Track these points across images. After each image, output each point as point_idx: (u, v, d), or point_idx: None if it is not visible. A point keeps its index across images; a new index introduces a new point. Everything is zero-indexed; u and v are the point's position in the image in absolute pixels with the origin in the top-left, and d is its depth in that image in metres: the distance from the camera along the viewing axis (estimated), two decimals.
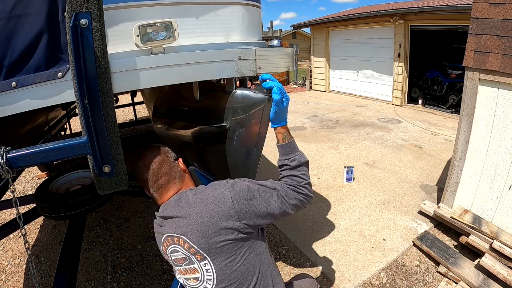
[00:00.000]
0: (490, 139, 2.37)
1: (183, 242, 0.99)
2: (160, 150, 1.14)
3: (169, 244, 1.04)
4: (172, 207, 1.04)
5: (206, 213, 0.96)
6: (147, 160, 1.10)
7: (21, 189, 3.87)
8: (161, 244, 1.09)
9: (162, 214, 1.06)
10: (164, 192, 1.09)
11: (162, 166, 1.09)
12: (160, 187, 1.08)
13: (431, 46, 8.91)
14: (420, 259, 2.47)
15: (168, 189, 1.09)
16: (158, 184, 1.08)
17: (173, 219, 1.02)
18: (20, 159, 0.89)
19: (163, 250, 1.09)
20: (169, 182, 1.09)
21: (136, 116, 5.67)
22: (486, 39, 2.24)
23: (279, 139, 1.15)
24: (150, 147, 1.15)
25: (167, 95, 2.13)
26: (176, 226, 1.01)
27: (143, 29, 1.02)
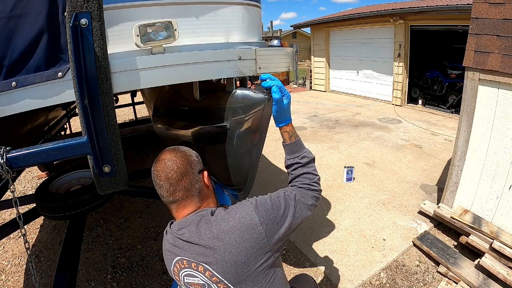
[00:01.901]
0: (490, 139, 2.37)
1: (204, 269, 0.89)
2: (186, 157, 0.97)
3: (184, 267, 0.93)
4: (193, 232, 0.91)
5: (234, 243, 0.86)
6: (167, 166, 0.94)
7: (21, 189, 3.87)
8: (171, 263, 0.97)
9: (179, 235, 0.93)
10: (180, 208, 0.96)
11: (183, 178, 0.94)
12: (176, 202, 0.95)
13: (431, 46, 8.91)
14: (420, 259, 2.47)
15: (184, 206, 0.95)
16: (174, 197, 0.94)
17: (193, 245, 0.90)
18: (20, 159, 0.89)
19: (173, 271, 0.97)
20: (187, 198, 0.95)
21: (136, 116, 5.67)
22: (486, 39, 2.24)
23: (286, 138, 1.12)
24: (175, 151, 0.98)
25: (167, 95, 2.13)
26: (197, 253, 0.89)
27: (143, 29, 1.02)
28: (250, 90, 1.28)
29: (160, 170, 0.94)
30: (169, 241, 0.97)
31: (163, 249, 1.02)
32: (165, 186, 0.93)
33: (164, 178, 0.93)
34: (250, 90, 1.28)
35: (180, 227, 0.93)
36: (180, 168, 0.94)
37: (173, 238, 0.95)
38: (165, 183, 0.93)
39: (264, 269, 0.89)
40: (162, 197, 0.96)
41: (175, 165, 0.94)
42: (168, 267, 1.00)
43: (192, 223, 0.92)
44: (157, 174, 0.94)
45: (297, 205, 0.98)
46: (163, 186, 0.93)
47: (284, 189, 1.03)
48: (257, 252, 0.88)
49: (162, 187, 0.93)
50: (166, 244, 0.99)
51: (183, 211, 0.96)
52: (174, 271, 0.97)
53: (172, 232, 0.96)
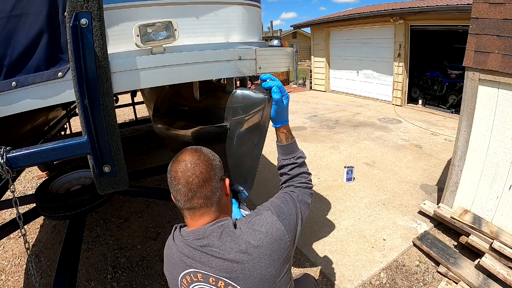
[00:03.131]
0: (490, 139, 2.37)
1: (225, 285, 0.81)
2: (210, 162, 0.87)
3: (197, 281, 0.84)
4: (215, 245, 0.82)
5: (264, 256, 0.81)
6: (189, 169, 0.84)
7: (21, 189, 3.87)
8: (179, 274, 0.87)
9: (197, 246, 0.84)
10: (197, 216, 0.86)
11: (205, 185, 0.84)
12: (193, 209, 0.85)
13: (431, 46, 8.91)
14: (420, 259, 2.46)
15: (202, 214, 0.86)
16: (192, 203, 0.84)
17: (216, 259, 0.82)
18: (20, 159, 0.89)
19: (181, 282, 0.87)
20: (206, 206, 0.86)
21: (136, 116, 5.67)
22: (486, 39, 2.24)
23: (282, 139, 1.12)
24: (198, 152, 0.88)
25: (167, 95, 2.13)
26: (219, 267, 0.81)
27: (143, 29, 1.02)
28: (250, 90, 1.28)
29: (180, 172, 0.84)
30: (180, 250, 0.87)
31: (167, 255, 0.92)
32: (183, 190, 0.83)
33: (183, 182, 0.83)
34: (250, 90, 1.28)
35: (197, 237, 0.84)
36: (203, 174, 0.84)
37: (187, 248, 0.85)
38: (184, 187, 0.83)
39: (286, 277, 0.88)
40: (177, 201, 0.86)
41: (197, 169, 0.84)
42: (173, 276, 0.90)
43: (213, 235, 0.83)
44: (176, 176, 0.84)
45: (301, 206, 0.99)
46: (181, 191, 0.83)
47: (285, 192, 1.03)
48: (284, 262, 0.86)
49: (179, 191, 0.84)
50: (175, 253, 0.89)
51: (199, 220, 0.86)
52: (182, 282, 0.87)
53: (186, 241, 0.86)
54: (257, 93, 1.20)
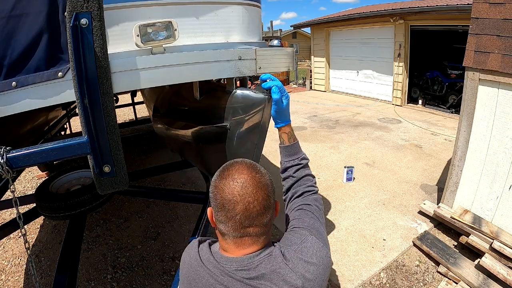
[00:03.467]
0: (490, 139, 2.37)
1: None
2: (270, 184, 0.76)
3: None
4: (266, 279, 0.71)
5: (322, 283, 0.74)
6: (248, 193, 0.70)
7: (21, 189, 3.87)
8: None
9: (241, 278, 0.71)
10: (245, 245, 0.73)
11: (265, 213, 0.72)
12: (245, 236, 0.72)
13: (431, 46, 8.91)
14: (420, 259, 2.46)
15: (252, 244, 0.73)
16: (245, 232, 0.72)
17: None
18: (20, 159, 0.89)
19: None
20: (260, 235, 0.74)
21: (136, 116, 5.67)
22: (486, 39, 2.24)
23: (285, 139, 1.08)
24: (257, 170, 0.75)
25: (167, 95, 2.13)
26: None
27: (143, 29, 1.02)
28: (250, 90, 1.28)
29: (238, 195, 0.70)
30: (214, 277, 0.73)
31: (190, 277, 0.78)
32: (239, 218, 0.70)
33: (242, 208, 0.70)
34: (250, 90, 1.28)
35: (242, 268, 0.72)
36: (265, 200, 0.72)
37: (226, 278, 0.72)
38: (241, 215, 0.70)
39: None
40: (223, 226, 0.72)
41: (260, 194, 0.71)
42: None
43: (262, 266, 0.72)
44: (233, 200, 0.70)
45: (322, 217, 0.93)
46: (236, 218, 0.70)
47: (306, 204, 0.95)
48: None
49: (233, 218, 0.70)
50: (206, 277, 0.75)
51: (246, 249, 0.74)
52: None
53: (225, 269, 0.73)
54: (257, 93, 1.19)
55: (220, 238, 0.78)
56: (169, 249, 2.63)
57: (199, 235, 1.81)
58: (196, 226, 1.88)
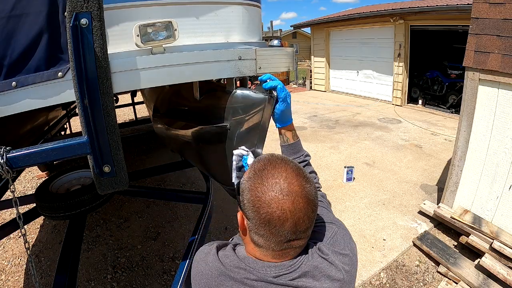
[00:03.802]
0: (490, 139, 2.37)
1: None
2: (316, 196, 0.67)
3: None
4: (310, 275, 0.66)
5: (352, 280, 0.72)
6: (301, 208, 0.62)
7: (21, 189, 3.87)
8: None
9: (285, 281, 0.64)
10: (286, 256, 0.67)
11: (310, 227, 0.66)
12: (288, 249, 0.65)
13: (431, 46, 8.91)
14: (420, 259, 2.46)
15: (294, 253, 0.67)
16: (290, 245, 0.64)
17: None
18: (20, 159, 0.89)
19: None
20: (303, 245, 0.68)
21: (136, 116, 5.67)
22: (486, 39, 2.24)
23: (289, 137, 1.09)
24: (306, 177, 0.66)
25: (167, 95, 2.13)
26: None
27: (143, 29, 1.02)
28: (250, 90, 1.28)
29: (288, 212, 0.60)
30: (248, 285, 0.65)
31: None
32: (285, 233, 0.62)
33: (291, 224, 0.61)
34: (250, 90, 1.28)
35: (283, 273, 0.65)
36: (313, 213, 0.65)
37: (265, 285, 0.65)
38: (288, 231, 0.62)
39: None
40: (264, 240, 0.64)
41: (310, 209, 0.63)
42: None
43: (304, 266, 0.66)
44: (282, 216, 0.60)
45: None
46: (281, 234, 0.62)
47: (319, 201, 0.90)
48: None
49: (278, 234, 0.62)
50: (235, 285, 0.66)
51: (286, 257, 0.67)
52: None
53: (265, 277, 0.65)
54: (257, 93, 1.19)
55: (251, 245, 0.68)
56: (169, 249, 2.63)
57: (199, 235, 1.81)
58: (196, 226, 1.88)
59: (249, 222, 0.65)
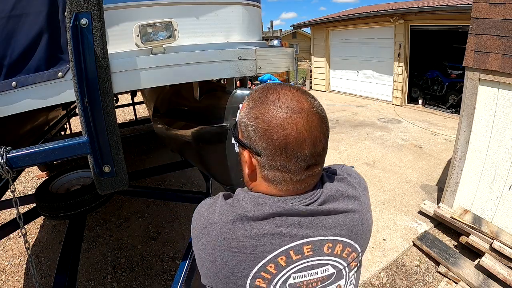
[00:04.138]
0: (490, 139, 2.37)
1: (343, 246, 0.62)
2: (326, 118, 0.62)
3: (298, 259, 0.58)
4: (327, 195, 0.61)
5: (368, 202, 0.70)
6: (316, 126, 0.56)
7: (21, 189, 3.87)
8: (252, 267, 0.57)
9: (304, 210, 0.58)
10: (306, 186, 0.60)
11: (324, 152, 0.61)
12: (308, 177, 0.59)
13: (431, 46, 8.90)
14: (420, 259, 2.46)
15: (314, 182, 0.62)
16: (310, 172, 0.58)
17: (333, 216, 0.61)
18: (20, 159, 0.89)
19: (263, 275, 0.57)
20: (320, 173, 0.63)
21: (136, 116, 5.67)
22: (486, 39, 2.24)
23: None
24: (311, 95, 0.60)
25: (167, 95, 2.13)
26: (332, 226, 0.60)
27: (143, 29, 1.02)
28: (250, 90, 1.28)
29: (305, 131, 0.54)
30: (265, 230, 0.57)
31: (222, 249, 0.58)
32: (304, 157, 0.55)
33: (309, 144, 0.54)
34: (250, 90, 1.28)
35: (308, 202, 0.60)
36: (327, 132, 0.60)
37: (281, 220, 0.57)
38: (306, 153, 0.55)
39: None
40: (281, 173, 0.57)
41: (324, 127, 0.59)
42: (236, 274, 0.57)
43: (325, 191, 0.62)
44: (299, 137, 0.53)
45: None
46: (301, 157, 0.55)
47: None
48: None
49: (298, 158, 0.55)
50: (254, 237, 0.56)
51: (303, 190, 0.61)
52: (260, 274, 0.57)
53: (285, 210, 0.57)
54: None
55: (263, 186, 0.60)
56: (169, 249, 2.63)
57: None
58: None
59: (261, 158, 0.57)
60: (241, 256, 0.57)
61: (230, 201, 0.61)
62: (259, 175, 0.60)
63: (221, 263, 0.58)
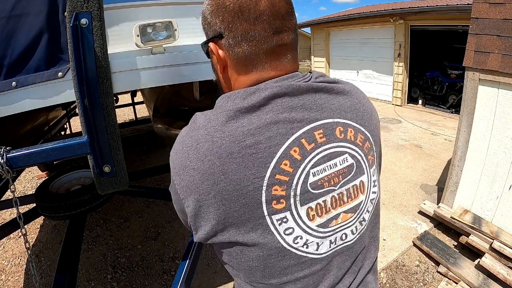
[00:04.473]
0: (490, 139, 2.37)
1: (355, 132, 0.56)
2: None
3: (313, 148, 0.51)
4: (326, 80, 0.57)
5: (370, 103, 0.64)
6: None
7: (21, 189, 3.87)
8: (267, 166, 0.48)
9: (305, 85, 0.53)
10: (284, 60, 0.55)
11: (293, 13, 0.56)
12: (280, 46, 0.54)
13: (431, 46, 8.90)
14: (420, 259, 2.46)
15: (292, 59, 0.56)
16: (279, 38, 0.53)
17: (337, 96, 0.56)
18: (20, 159, 0.89)
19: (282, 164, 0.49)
20: (295, 50, 0.57)
21: (136, 116, 5.67)
22: (486, 39, 2.24)
23: None
24: None
25: (167, 95, 2.13)
26: (336, 108, 0.55)
27: (143, 29, 1.02)
28: None
29: None
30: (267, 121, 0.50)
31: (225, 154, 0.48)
32: (266, 18, 0.51)
33: (266, 4, 0.51)
34: None
35: (298, 80, 0.54)
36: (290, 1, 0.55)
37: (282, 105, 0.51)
38: (268, 13, 0.51)
39: None
40: (247, 42, 0.52)
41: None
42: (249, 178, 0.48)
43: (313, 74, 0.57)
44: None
45: None
46: (263, 18, 0.51)
47: None
48: None
49: (259, 19, 0.51)
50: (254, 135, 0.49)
51: (286, 66, 0.55)
52: (279, 172, 0.48)
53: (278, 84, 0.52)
54: None
55: (241, 73, 0.55)
56: (169, 249, 2.63)
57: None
58: None
59: (224, 39, 0.53)
60: (247, 161, 0.48)
61: (212, 110, 0.54)
62: (231, 59, 0.55)
63: (226, 181, 0.48)
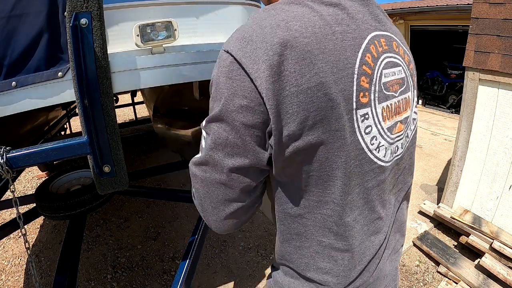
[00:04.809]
0: (490, 139, 2.37)
1: (403, 52, 0.56)
2: None
3: (382, 50, 0.51)
4: None
5: None
6: None
7: (21, 189, 3.87)
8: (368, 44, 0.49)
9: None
10: None
11: None
12: None
13: (431, 46, 8.91)
14: (420, 259, 2.46)
15: None
16: None
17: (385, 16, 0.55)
18: (20, 159, 0.89)
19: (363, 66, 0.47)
20: None
21: (136, 116, 5.67)
22: (486, 39, 2.24)
23: None
24: None
25: (167, 95, 2.13)
26: (391, 26, 0.56)
27: (143, 28, 1.02)
28: None
29: None
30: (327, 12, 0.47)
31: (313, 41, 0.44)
32: None
33: None
34: None
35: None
36: None
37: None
38: None
39: None
40: None
41: None
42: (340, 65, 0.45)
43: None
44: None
45: None
46: None
47: None
48: None
49: None
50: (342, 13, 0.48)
51: None
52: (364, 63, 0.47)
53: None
54: None
55: None
56: (169, 249, 2.63)
57: (199, 235, 1.80)
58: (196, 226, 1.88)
59: None
60: (341, 44, 0.46)
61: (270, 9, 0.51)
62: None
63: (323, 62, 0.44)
